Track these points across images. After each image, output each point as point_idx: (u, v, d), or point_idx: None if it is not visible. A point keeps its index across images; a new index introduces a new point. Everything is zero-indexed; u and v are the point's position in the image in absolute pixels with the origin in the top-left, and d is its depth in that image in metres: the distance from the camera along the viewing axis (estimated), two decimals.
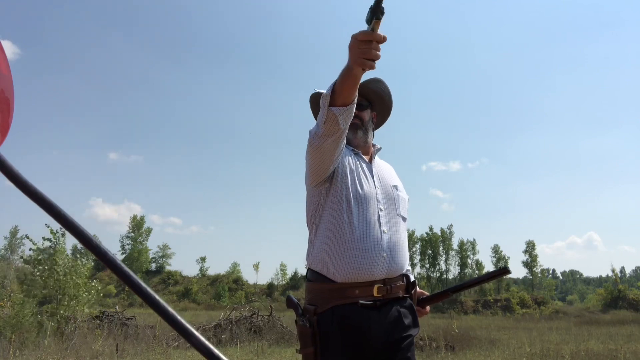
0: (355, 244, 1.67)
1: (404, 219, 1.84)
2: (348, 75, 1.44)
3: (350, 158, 1.82)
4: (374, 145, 1.96)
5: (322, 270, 1.70)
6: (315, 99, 1.97)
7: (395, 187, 1.87)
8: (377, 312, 1.65)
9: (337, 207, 1.72)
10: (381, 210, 1.75)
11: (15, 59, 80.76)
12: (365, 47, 1.34)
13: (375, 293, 1.65)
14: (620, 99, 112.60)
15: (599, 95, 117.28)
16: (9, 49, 78.89)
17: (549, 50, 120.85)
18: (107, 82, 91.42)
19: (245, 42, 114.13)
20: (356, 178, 1.77)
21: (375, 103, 1.97)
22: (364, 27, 1.36)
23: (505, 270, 1.80)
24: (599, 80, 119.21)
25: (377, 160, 1.94)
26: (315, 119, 2.03)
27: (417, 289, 1.91)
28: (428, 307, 1.91)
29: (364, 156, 1.89)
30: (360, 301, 1.63)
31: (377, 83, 1.93)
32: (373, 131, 1.98)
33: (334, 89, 1.51)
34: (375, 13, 1.28)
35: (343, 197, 1.73)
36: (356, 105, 1.81)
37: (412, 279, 1.81)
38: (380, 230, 1.71)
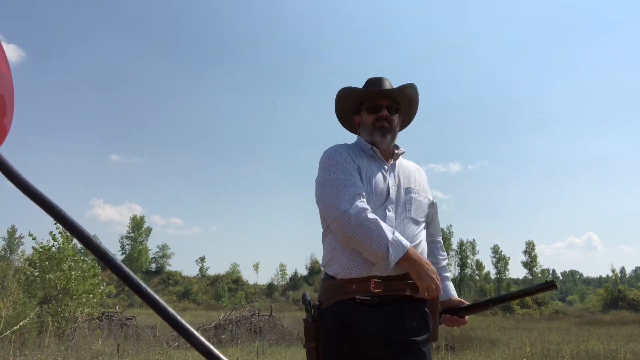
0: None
1: (416, 221, 1.80)
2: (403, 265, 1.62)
3: (363, 163, 1.82)
4: (397, 148, 1.93)
5: (327, 268, 1.75)
6: (345, 95, 1.94)
7: (410, 189, 1.84)
8: (375, 309, 1.62)
9: None
10: (389, 211, 1.74)
11: (19, 61, 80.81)
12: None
13: (372, 288, 1.61)
14: (618, 100, 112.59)
15: (597, 96, 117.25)
16: (14, 52, 78.97)
17: (550, 52, 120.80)
18: (110, 85, 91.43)
19: (247, 44, 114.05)
20: (367, 183, 1.76)
21: (404, 109, 1.96)
22: (364, 31, 1.36)
23: (551, 285, 1.72)
24: (599, 82, 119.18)
25: (400, 162, 1.93)
26: (338, 116, 2.03)
27: (454, 296, 1.89)
28: (467, 317, 1.85)
29: (384, 158, 1.87)
30: (357, 296, 1.63)
31: (410, 89, 1.91)
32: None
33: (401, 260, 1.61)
34: None
35: None
36: (388, 108, 1.87)
37: None
38: None
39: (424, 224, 1.86)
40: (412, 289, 1.66)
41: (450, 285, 1.94)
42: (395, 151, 1.91)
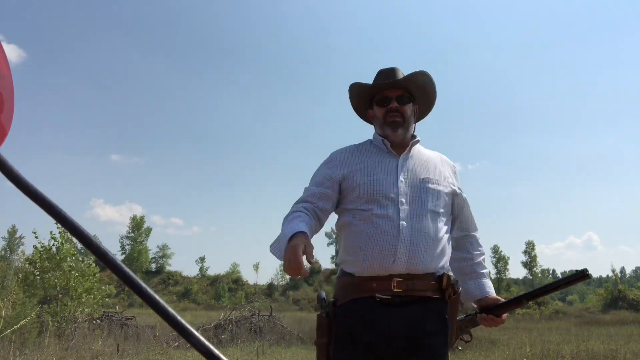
0: (368, 238, 1.65)
1: (436, 213, 1.71)
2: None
3: (363, 162, 1.80)
4: (414, 137, 1.86)
5: (344, 265, 1.73)
6: (355, 91, 1.92)
7: (428, 179, 1.75)
8: (395, 309, 1.58)
9: (353, 207, 1.74)
10: (402, 204, 1.68)
11: (19, 61, 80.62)
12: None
13: (394, 287, 1.58)
14: (618, 100, 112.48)
15: (597, 96, 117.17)
16: (14, 52, 78.90)
17: (550, 52, 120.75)
18: (110, 84, 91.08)
19: (246, 43, 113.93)
20: (372, 178, 1.74)
21: (419, 97, 1.90)
22: (365, 30, 1.35)
23: (583, 275, 1.62)
24: (599, 82, 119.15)
25: (417, 152, 1.84)
26: (354, 108, 2.00)
27: (490, 293, 1.80)
28: (504, 315, 1.77)
29: (399, 150, 1.82)
30: (377, 295, 1.59)
31: (423, 77, 1.85)
32: (414, 124, 1.90)
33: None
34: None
35: (357, 198, 1.73)
36: (398, 99, 1.82)
37: (451, 279, 1.68)
38: (399, 224, 1.64)
39: (445, 217, 1.77)
40: (434, 290, 1.64)
41: (487, 283, 1.84)
42: (411, 141, 1.84)
